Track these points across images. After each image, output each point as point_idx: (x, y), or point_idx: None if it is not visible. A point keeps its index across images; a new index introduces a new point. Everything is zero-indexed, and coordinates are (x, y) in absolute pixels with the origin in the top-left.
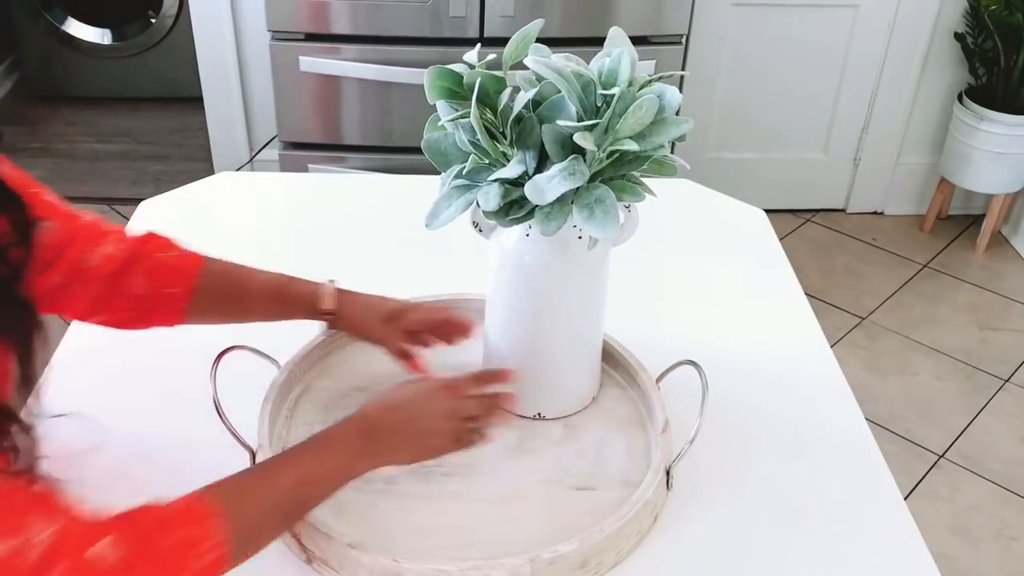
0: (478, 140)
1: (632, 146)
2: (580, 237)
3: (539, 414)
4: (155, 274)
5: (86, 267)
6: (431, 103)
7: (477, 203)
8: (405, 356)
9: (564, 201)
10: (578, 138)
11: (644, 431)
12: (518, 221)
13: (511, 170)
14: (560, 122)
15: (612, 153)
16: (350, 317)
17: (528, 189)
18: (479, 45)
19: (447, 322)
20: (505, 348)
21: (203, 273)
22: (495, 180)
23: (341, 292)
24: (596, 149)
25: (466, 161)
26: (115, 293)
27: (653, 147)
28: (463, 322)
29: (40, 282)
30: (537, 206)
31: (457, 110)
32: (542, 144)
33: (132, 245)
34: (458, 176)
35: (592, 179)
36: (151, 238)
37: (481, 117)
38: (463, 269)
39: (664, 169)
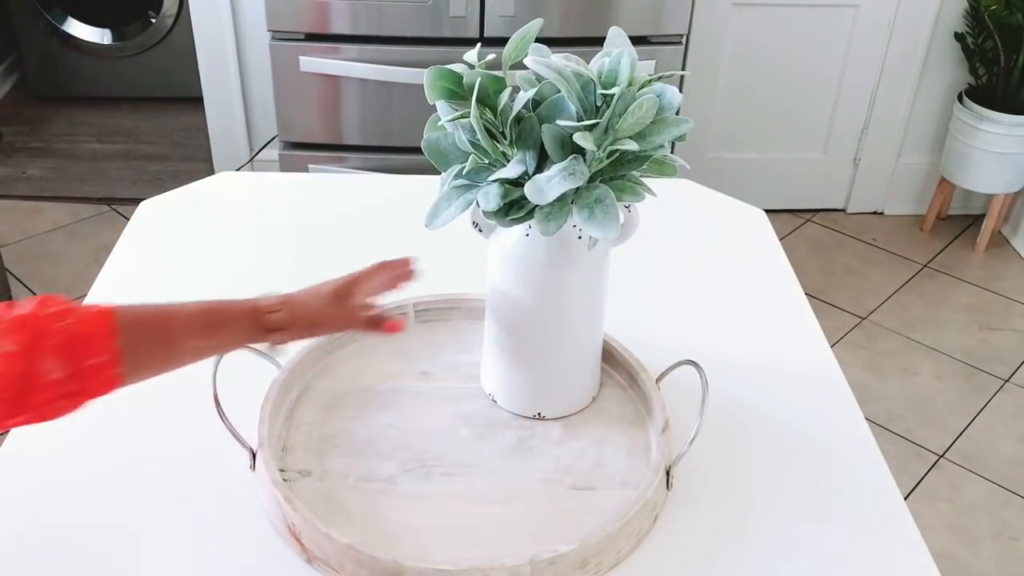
0: (478, 140)
1: (632, 146)
2: (580, 237)
3: (539, 414)
4: (69, 350)
5: None
6: (431, 103)
7: (477, 203)
8: (376, 324)
9: (564, 201)
10: (578, 138)
11: (644, 431)
12: (518, 221)
13: (511, 170)
14: (560, 122)
15: (612, 153)
16: (300, 316)
17: (528, 189)
18: (479, 45)
19: (392, 278)
20: (505, 348)
21: (121, 329)
22: (495, 180)
23: (281, 296)
24: (596, 149)
25: (466, 161)
26: (29, 389)
27: (653, 147)
28: (402, 265)
29: None
30: (537, 206)
31: (457, 110)
32: (542, 144)
33: (26, 328)
34: (458, 176)
35: (592, 179)
36: (43, 307)
37: (481, 117)
38: (463, 269)
39: (664, 169)
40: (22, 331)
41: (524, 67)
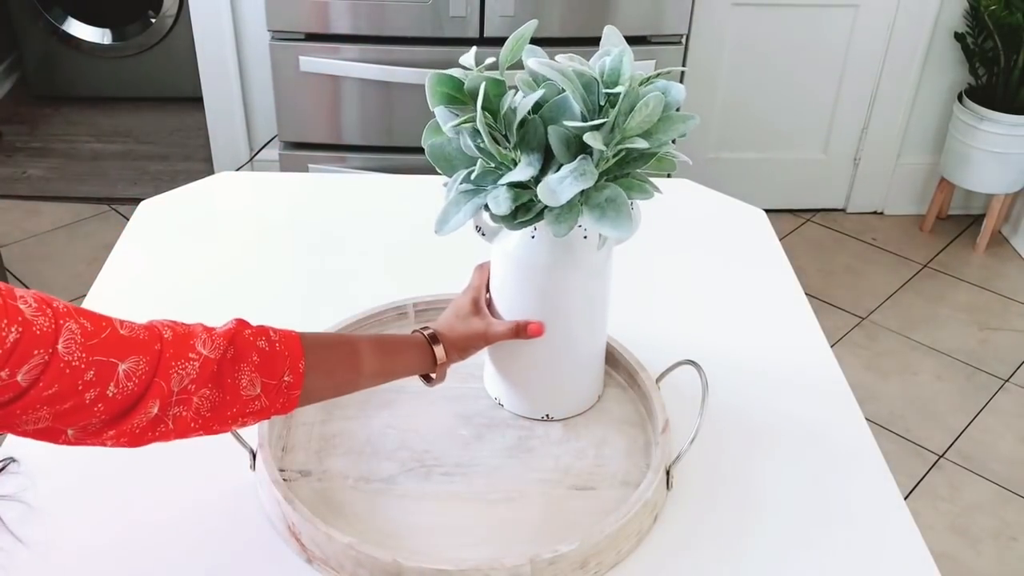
0: (484, 145)
1: (642, 144)
2: (586, 237)
3: (547, 416)
4: (264, 368)
5: (182, 386)
6: (432, 109)
7: (485, 207)
8: (521, 329)
9: (573, 202)
10: (588, 138)
11: (644, 431)
12: (525, 224)
13: (521, 173)
14: (568, 123)
15: (619, 152)
16: (453, 343)
17: (541, 191)
18: (475, 48)
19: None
20: (512, 350)
21: (305, 352)
22: (505, 184)
23: (430, 329)
24: (605, 148)
25: (472, 165)
26: (229, 402)
27: (659, 144)
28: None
29: (125, 424)
30: (547, 208)
31: (456, 114)
32: (545, 145)
33: (229, 341)
34: (465, 181)
35: (598, 178)
36: (244, 327)
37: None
38: (464, 269)
39: (663, 165)
40: (231, 346)
41: (521, 67)
